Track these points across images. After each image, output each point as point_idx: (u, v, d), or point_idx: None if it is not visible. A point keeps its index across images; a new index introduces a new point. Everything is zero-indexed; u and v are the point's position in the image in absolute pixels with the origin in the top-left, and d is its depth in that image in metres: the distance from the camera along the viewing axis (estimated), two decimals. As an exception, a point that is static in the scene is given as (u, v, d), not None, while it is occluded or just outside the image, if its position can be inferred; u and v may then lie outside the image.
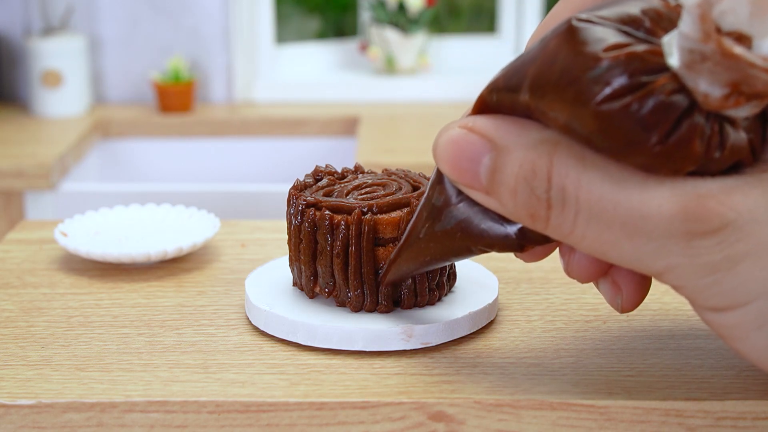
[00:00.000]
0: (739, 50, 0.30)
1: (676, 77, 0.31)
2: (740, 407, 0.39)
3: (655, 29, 0.33)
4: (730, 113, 0.32)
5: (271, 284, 0.49)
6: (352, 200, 0.46)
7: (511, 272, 0.54)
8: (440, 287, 0.46)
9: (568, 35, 0.33)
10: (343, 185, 0.48)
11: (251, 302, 0.47)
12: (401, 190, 0.47)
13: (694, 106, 0.32)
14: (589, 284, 0.51)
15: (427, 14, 1.96)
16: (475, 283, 0.49)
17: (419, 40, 1.97)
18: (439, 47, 2.05)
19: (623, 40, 0.32)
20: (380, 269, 0.45)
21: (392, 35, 1.94)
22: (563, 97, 0.33)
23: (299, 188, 0.48)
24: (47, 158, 1.44)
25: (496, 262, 0.55)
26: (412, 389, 0.40)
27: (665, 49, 0.32)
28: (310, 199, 0.46)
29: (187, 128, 1.78)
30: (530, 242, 0.37)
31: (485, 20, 2.13)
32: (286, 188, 1.36)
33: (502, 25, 2.05)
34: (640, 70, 0.31)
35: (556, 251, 0.40)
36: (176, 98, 1.78)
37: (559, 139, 0.34)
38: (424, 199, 0.40)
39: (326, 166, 0.50)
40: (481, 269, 0.51)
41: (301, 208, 0.46)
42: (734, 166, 0.33)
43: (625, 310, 0.39)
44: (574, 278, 0.39)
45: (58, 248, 0.58)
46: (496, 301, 0.47)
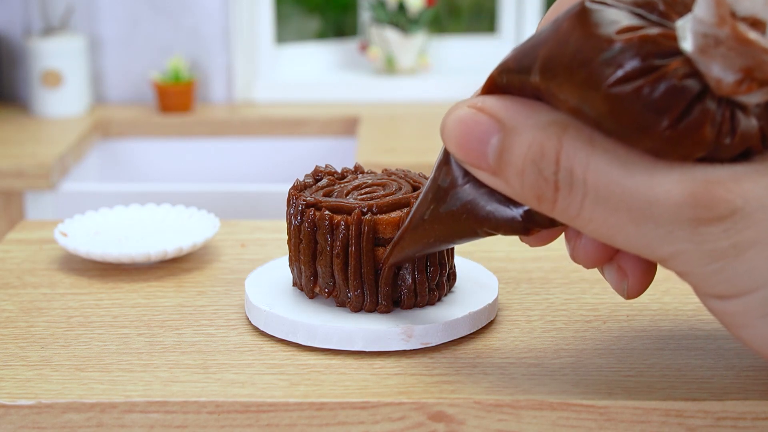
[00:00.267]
0: (753, 36, 0.30)
1: (688, 61, 0.31)
2: (740, 407, 0.39)
3: (668, 12, 0.32)
4: (741, 99, 0.32)
5: (271, 284, 0.49)
6: (351, 200, 0.46)
7: (511, 272, 0.54)
8: (440, 287, 0.46)
9: (580, 17, 0.32)
10: (343, 185, 0.48)
11: (251, 302, 0.47)
12: (401, 190, 0.47)
13: (706, 91, 0.31)
14: (589, 284, 0.51)
15: (427, 14, 1.96)
16: (475, 283, 0.49)
17: (419, 40, 1.97)
18: (439, 47, 2.05)
19: (637, 22, 0.32)
20: (380, 269, 0.45)
21: (392, 35, 1.94)
22: (574, 79, 0.32)
23: (299, 188, 0.48)
24: (47, 158, 1.44)
25: (496, 262, 0.55)
26: (412, 389, 0.40)
27: (679, 32, 0.31)
28: (310, 199, 0.46)
29: (187, 128, 1.78)
30: (536, 225, 0.36)
31: (485, 20, 2.13)
32: (286, 188, 1.36)
33: (502, 25, 2.05)
34: (652, 53, 0.31)
35: (561, 237, 0.40)
36: (176, 98, 1.78)
37: (568, 121, 0.33)
38: (429, 180, 0.39)
39: (326, 166, 0.50)
40: (481, 269, 0.51)
41: (301, 208, 0.46)
42: (744, 153, 0.33)
43: (630, 296, 0.39)
44: (579, 263, 0.38)
45: (58, 248, 0.58)
46: (496, 301, 0.47)
